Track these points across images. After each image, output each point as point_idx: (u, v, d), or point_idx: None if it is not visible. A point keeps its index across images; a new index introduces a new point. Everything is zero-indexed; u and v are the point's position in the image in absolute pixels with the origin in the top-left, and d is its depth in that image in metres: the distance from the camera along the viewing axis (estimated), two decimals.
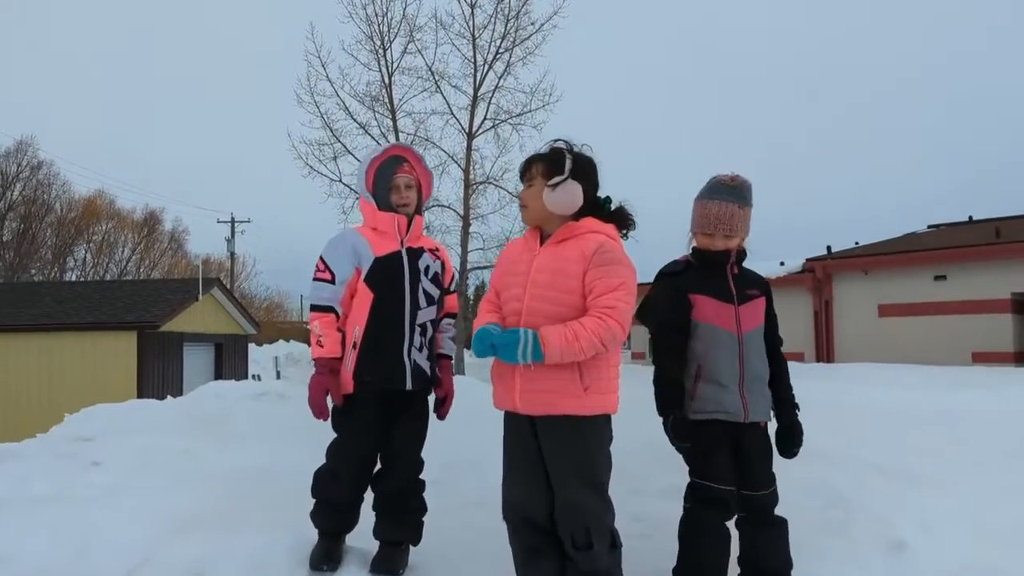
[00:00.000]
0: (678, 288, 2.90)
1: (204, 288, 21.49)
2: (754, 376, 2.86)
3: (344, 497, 3.08)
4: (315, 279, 3.08)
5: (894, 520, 3.38)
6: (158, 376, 19.66)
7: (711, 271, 2.90)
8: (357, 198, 16.96)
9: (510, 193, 16.86)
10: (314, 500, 3.11)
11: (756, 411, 2.85)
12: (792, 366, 3.16)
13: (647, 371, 11.03)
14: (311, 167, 17.63)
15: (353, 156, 16.94)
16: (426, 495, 3.34)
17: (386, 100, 18.66)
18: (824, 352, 18.02)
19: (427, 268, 3.16)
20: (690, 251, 2.97)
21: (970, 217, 23.41)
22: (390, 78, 18.63)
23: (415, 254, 3.15)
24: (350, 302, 3.07)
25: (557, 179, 2.65)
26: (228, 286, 29.38)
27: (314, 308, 3.07)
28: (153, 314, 19.63)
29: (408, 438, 3.16)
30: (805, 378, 4.04)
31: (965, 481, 4.16)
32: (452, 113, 18.59)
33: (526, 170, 2.77)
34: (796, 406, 2.96)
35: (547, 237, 2.74)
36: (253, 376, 23.66)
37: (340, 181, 17.26)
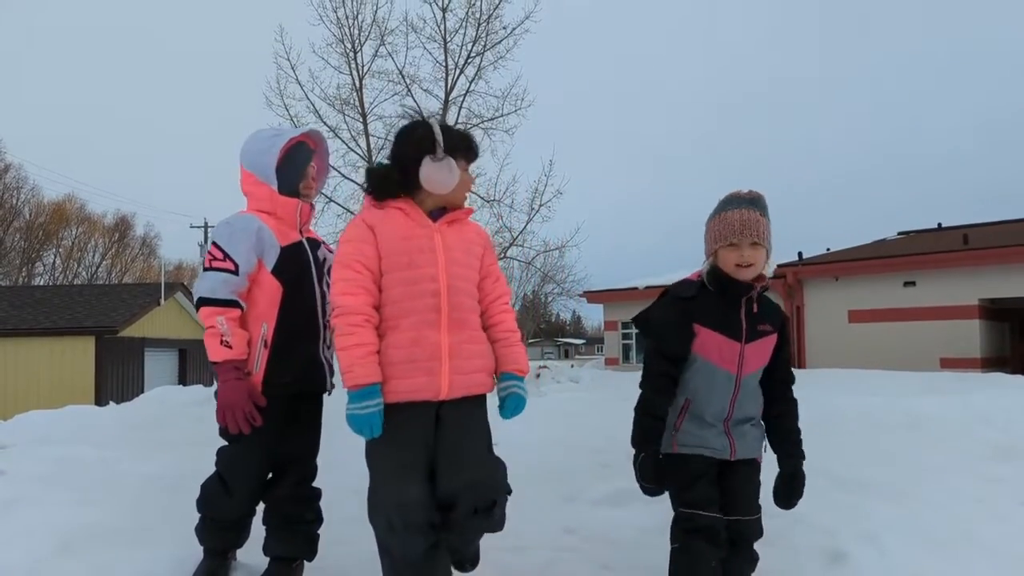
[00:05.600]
0: (686, 316, 2.59)
1: (167, 293, 21.09)
2: (743, 417, 2.62)
3: (235, 513, 2.79)
4: (212, 269, 2.70)
5: (836, 529, 3.19)
6: (117, 381, 19.27)
7: (726, 300, 2.59)
8: (327, 202, 16.42)
9: (481, 198, 16.71)
10: (200, 515, 2.81)
11: (744, 450, 2.61)
12: None
13: (616, 376, 10.93)
14: None
15: None
16: (347, 505, 3.10)
17: (357, 103, 18.46)
18: (795, 358, 18.02)
19: (324, 260, 2.92)
20: (705, 273, 2.63)
21: (939, 224, 23.63)
22: (361, 81, 18.43)
23: (314, 245, 2.92)
24: (248, 296, 2.76)
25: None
26: None
27: (212, 303, 2.67)
28: (112, 319, 19.26)
29: (307, 442, 2.90)
30: None
31: (919, 488, 4.04)
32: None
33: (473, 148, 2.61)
34: (801, 453, 2.67)
35: (436, 215, 2.52)
36: None
37: None
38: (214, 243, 2.73)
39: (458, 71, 18.09)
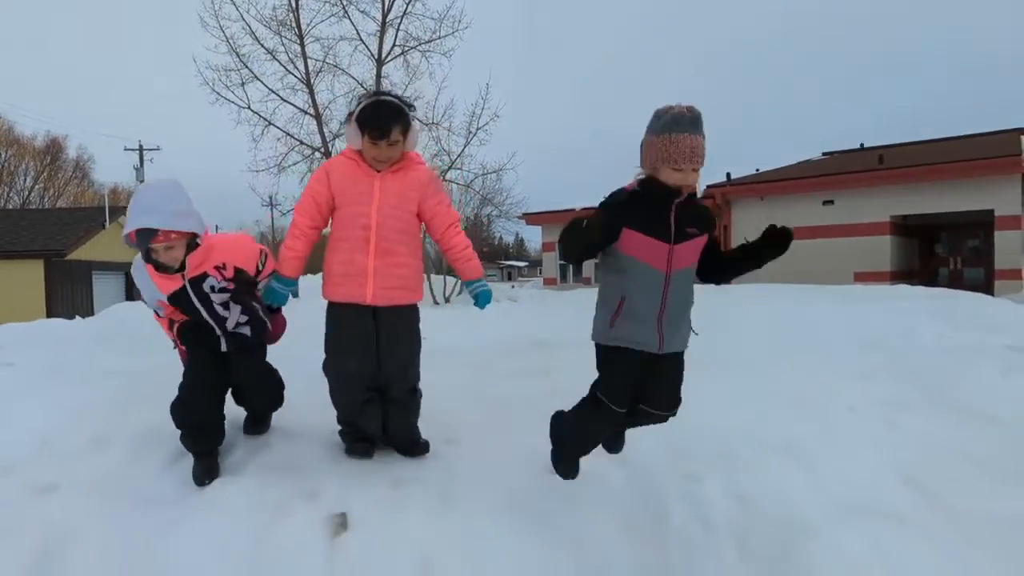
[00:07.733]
0: (614, 220, 2.78)
1: (111, 216, 21.15)
2: (675, 312, 2.87)
3: (198, 417, 3.27)
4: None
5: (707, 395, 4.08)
6: (68, 304, 19.52)
7: (655, 205, 2.78)
8: (267, 125, 16.62)
9: (420, 121, 17.00)
10: (177, 428, 3.28)
11: (672, 343, 2.90)
12: None
13: (552, 295, 11.83)
14: (218, 93, 17.25)
15: (261, 83, 16.70)
16: (295, 381, 3.81)
17: (293, 25, 18.33)
18: None
19: (212, 287, 3.25)
20: (638, 181, 2.83)
21: (861, 144, 24.31)
22: (297, 2, 18.28)
23: (198, 282, 3.22)
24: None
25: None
26: None
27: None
28: (59, 243, 19.38)
29: (250, 371, 3.48)
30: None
31: (765, 364, 5.09)
32: (361, 39, 18.35)
33: (392, 131, 3.16)
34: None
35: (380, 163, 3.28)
36: None
37: (248, 108, 16.98)
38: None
39: None
